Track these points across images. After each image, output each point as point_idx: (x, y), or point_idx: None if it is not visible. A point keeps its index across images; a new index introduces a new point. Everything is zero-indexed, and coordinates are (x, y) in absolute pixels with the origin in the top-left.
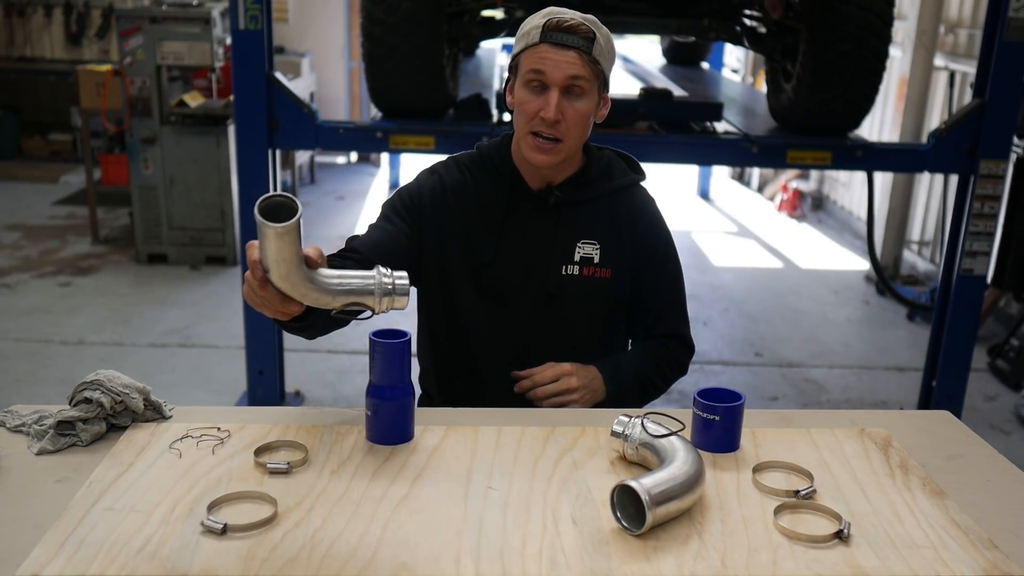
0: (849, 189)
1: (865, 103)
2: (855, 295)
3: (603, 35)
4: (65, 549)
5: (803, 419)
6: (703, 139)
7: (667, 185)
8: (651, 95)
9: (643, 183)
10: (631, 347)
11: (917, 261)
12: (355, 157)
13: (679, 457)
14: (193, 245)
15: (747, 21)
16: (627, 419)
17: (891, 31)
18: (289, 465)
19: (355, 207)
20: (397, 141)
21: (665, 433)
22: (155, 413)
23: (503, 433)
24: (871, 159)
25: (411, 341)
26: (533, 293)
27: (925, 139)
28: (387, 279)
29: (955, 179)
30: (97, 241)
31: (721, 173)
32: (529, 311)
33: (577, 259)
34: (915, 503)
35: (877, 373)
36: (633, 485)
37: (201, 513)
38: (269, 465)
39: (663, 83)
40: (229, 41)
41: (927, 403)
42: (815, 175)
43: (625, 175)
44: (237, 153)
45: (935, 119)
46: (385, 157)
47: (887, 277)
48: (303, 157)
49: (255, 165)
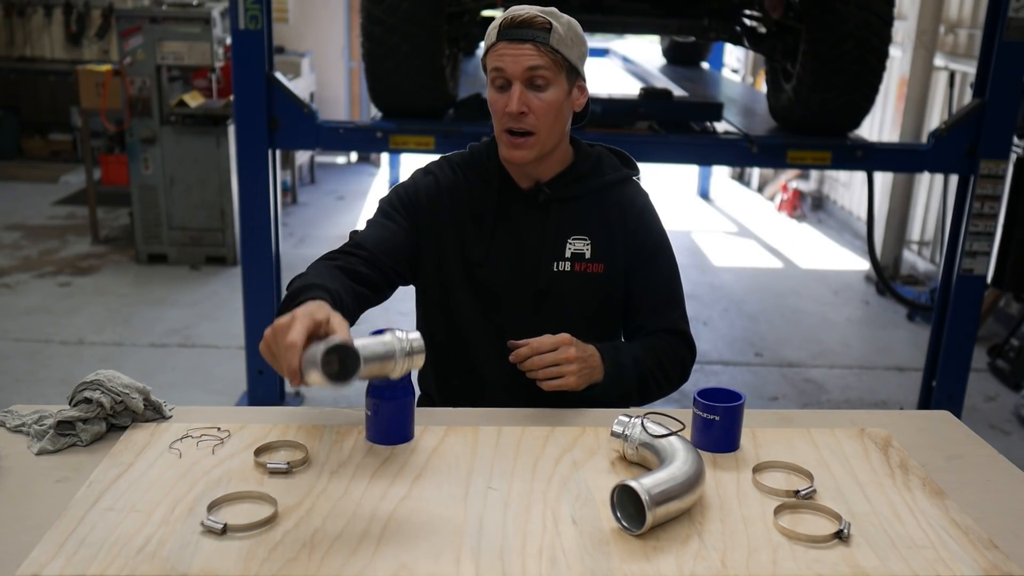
0: (849, 189)
1: (865, 103)
2: (855, 295)
3: (562, 24)
4: (65, 549)
5: (803, 419)
6: (703, 139)
7: (667, 185)
8: (651, 95)
9: (636, 179)
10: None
11: (917, 261)
12: (355, 157)
13: (679, 457)
14: (193, 245)
15: (747, 21)
16: (627, 419)
17: (891, 31)
18: (289, 465)
19: (355, 207)
20: (397, 141)
21: (665, 433)
22: (155, 413)
23: (503, 433)
24: (871, 159)
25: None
26: (525, 291)
27: (925, 139)
28: (403, 343)
29: (955, 179)
30: (97, 241)
31: (721, 173)
32: (522, 309)
33: (568, 255)
34: (915, 503)
35: (877, 373)
36: (633, 485)
37: (201, 513)
38: (269, 465)
39: (663, 83)
40: (229, 41)
41: (927, 403)
42: (815, 175)
43: (617, 170)
44: (237, 153)
45: (935, 119)
46: (385, 157)
47: (887, 277)
48: (303, 157)
49: (255, 165)
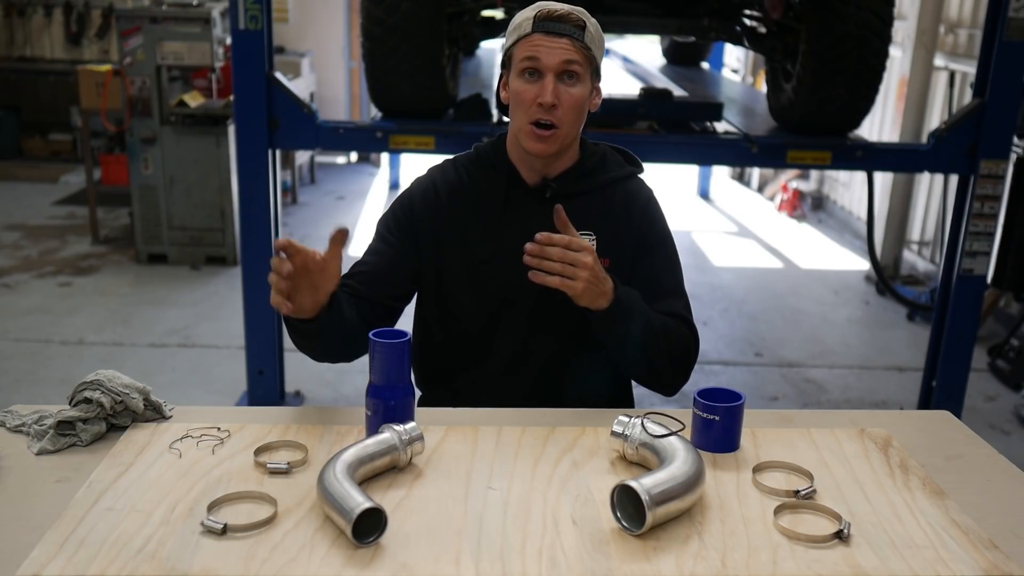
0: (849, 189)
1: (865, 103)
2: (855, 295)
3: (592, 24)
4: (65, 549)
5: (803, 419)
6: (703, 139)
7: (667, 185)
8: (651, 95)
9: (640, 176)
10: None
11: (917, 261)
12: (355, 157)
13: (679, 457)
14: (193, 245)
15: (747, 21)
16: (627, 419)
17: (891, 31)
18: (289, 465)
19: (355, 207)
20: (397, 141)
21: (665, 433)
22: (155, 413)
23: (503, 433)
24: (871, 159)
25: (411, 341)
26: (533, 287)
27: (925, 139)
28: (403, 436)
29: (955, 179)
30: (97, 241)
31: (721, 173)
32: (528, 305)
33: None
34: (915, 503)
35: (877, 373)
36: (633, 485)
37: (201, 513)
38: (269, 465)
39: (663, 83)
40: (229, 41)
41: (927, 403)
42: (815, 175)
43: (621, 167)
44: (237, 153)
45: (935, 119)
46: (385, 157)
47: (887, 277)
48: (303, 157)
49: (255, 165)
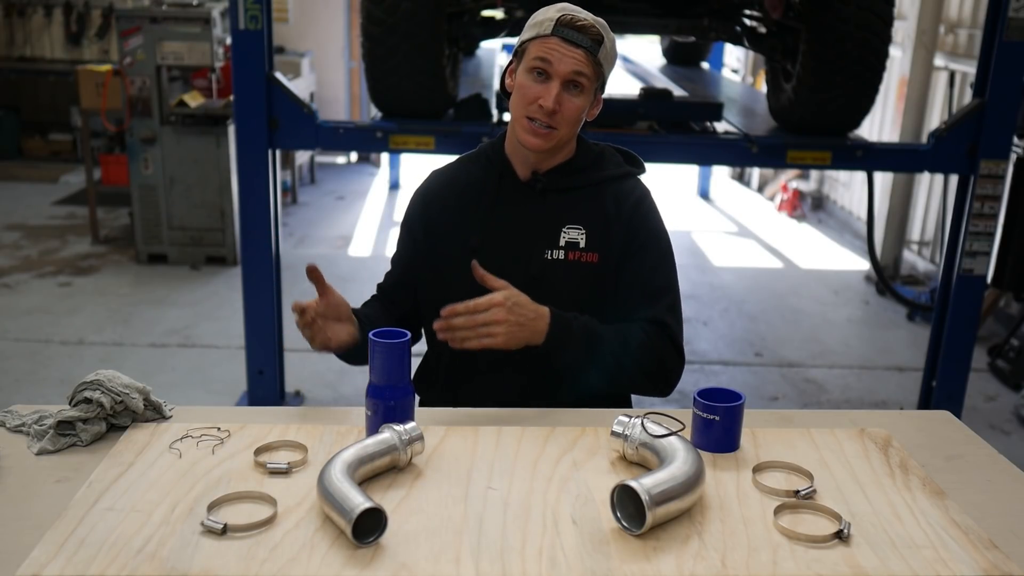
0: (849, 189)
1: (865, 103)
2: (855, 295)
3: (610, 40)
4: (65, 549)
5: (803, 419)
6: (703, 139)
7: (667, 185)
8: (651, 95)
9: (641, 177)
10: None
11: (917, 261)
12: (355, 157)
13: (679, 457)
14: (193, 245)
15: (747, 21)
16: (627, 419)
17: (891, 31)
18: (289, 465)
19: (355, 207)
20: (397, 141)
21: (665, 433)
22: (155, 413)
23: (503, 433)
24: (871, 159)
25: (411, 341)
26: (518, 278)
27: (925, 139)
28: (403, 436)
29: (955, 179)
30: (97, 241)
31: (721, 173)
32: None
33: (562, 243)
34: (915, 503)
35: (877, 373)
36: (633, 485)
37: (201, 513)
38: (269, 465)
39: (663, 83)
40: (229, 41)
41: (927, 403)
42: (815, 175)
43: (619, 167)
44: (237, 153)
45: (935, 119)
46: (385, 157)
47: (887, 277)
48: (303, 157)
49: (255, 165)
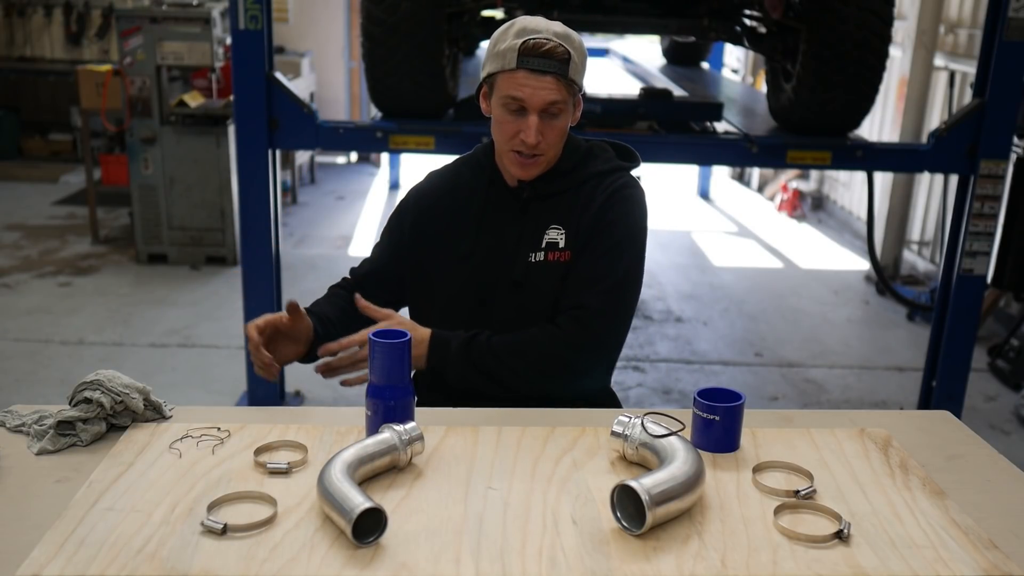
0: (849, 189)
1: (865, 103)
2: (855, 295)
3: (576, 50)
4: (65, 549)
5: (803, 419)
6: (703, 139)
7: (667, 185)
8: (651, 95)
9: (631, 170)
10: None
11: (917, 261)
12: (355, 157)
13: (679, 457)
14: (193, 245)
15: (747, 21)
16: (627, 419)
17: (891, 31)
18: (289, 465)
19: (355, 207)
20: (397, 141)
21: (665, 433)
22: (155, 413)
23: (503, 433)
24: (871, 159)
25: (411, 341)
26: (504, 284)
27: (925, 139)
28: (403, 436)
29: (955, 179)
30: (97, 241)
31: (721, 173)
32: (504, 301)
33: (543, 245)
34: (915, 503)
35: (877, 373)
36: (633, 485)
37: (201, 513)
38: (269, 465)
39: (663, 83)
40: (229, 41)
41: (927, 403)
42: (815, 175)
43: (608, 162)
44: (237, 153)
45: (935, 119)
46: (385, 157)
47: (887, 277)
48: (303, 157)
49: (255, 165)
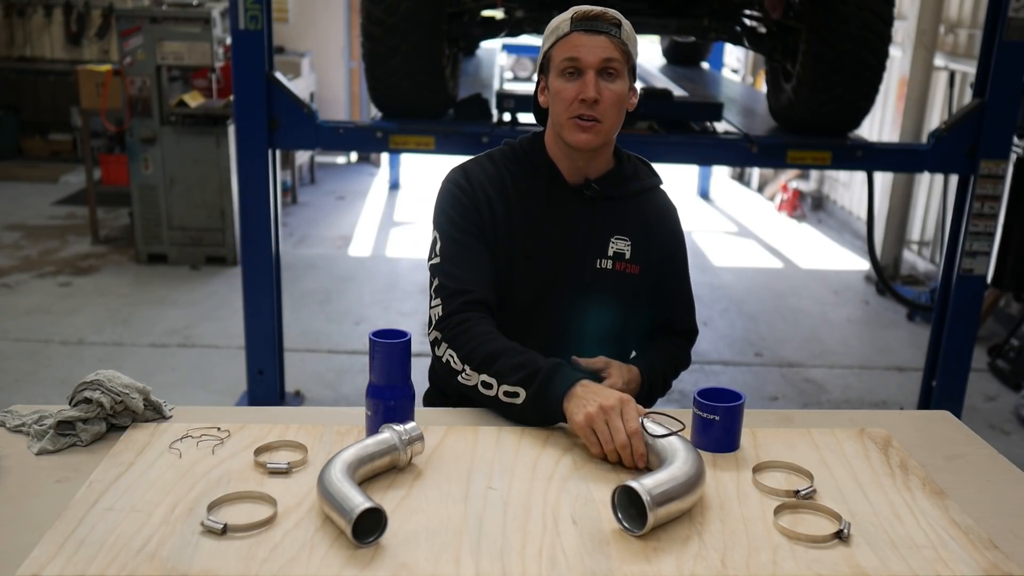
0: (849, 189)
1: (865, 103)
2: (855, 295)
3: (627, 23)
4: (65, 549)
5: (803, 419)
6: (703, 139)
7: (667, 185)
8: (651, 95)
9: (662, 187)
10: (647, 343)
11: (917, 261)
12: (355, 157)
13: (679, 457)
14: (193, 245)
15: (747, 21)
16: None
17: (891, 31)
18: (289, 465)
19: (355, 207)
20: (397, 141)
21: (665, 433)
22: (155, 413)
23: (503, 433)
24: (871, 159)
25: (411, 341)
26: (570, 285)
27: (925, 139)
28: (403, 436)
29: (955, 179)
30: (97, 241)
31: (721, 173)
32: (567, 302)
33: (611, 253)
34: (915, 503)
35: (877, 373)
36: (634, 486)
37: (201, 513)
38: (269, 465)
39: (663, 83)
40: (229, 41)
41: (927, 403)
42: (815, 175)
43: (650, 178)
44: (237, 153)
45: (935, 119)
46: (385, 157)
47: (887, 277)
48: (303, 157)
49: (255, 165)
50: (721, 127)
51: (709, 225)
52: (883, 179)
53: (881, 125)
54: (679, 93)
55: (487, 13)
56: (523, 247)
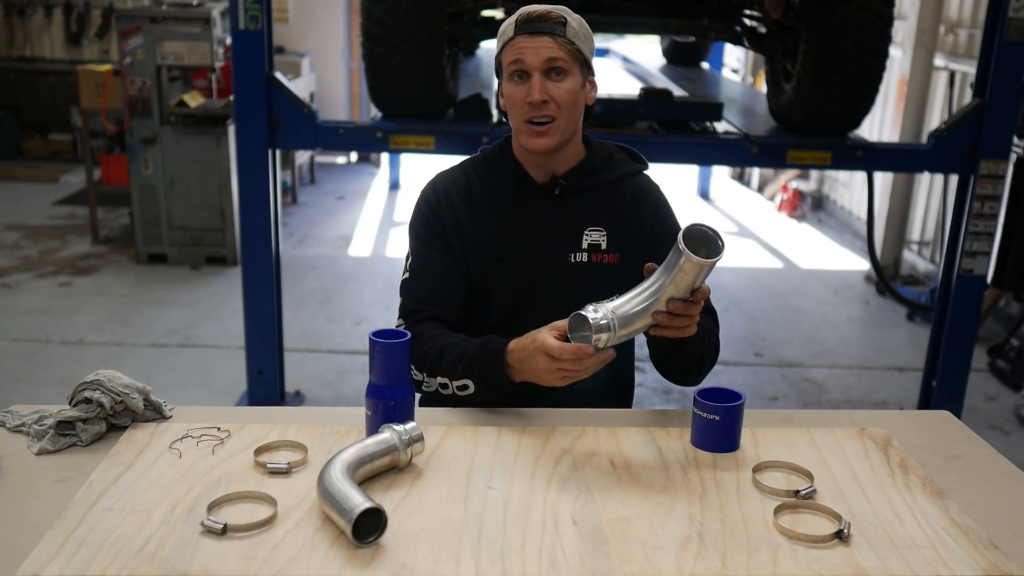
0: (849, 189)
1: (865, 103)
2: (855, 295)
3: (575, 19)
4: (65, 549)
5: (803, 419)
6: (703, 139)
7: (667, 185)
8: (651, 95)
9: (646, 172)
10: None
11: (917, 261)
12: (355, 157)
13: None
14: (193, 245)
15: (747, 21)
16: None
17: (891, 31)
18: (289, 465)
19: (355, 207)
20: (397, 141)
21: (598, 317)
22: (155, 413)
23: (503, 433)
24: (871, 159)
25: (411, 341)
26: (545, 283)
27: (925, 139)
28: (403, 436)
29: (955, 179)
30: (97, 241)
31: (721, 173)
32: (543, 301)
33: (585, 246)
34: (915, 503)
35: (877, 373)
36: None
37: (201, 513)
38: (269, 465)
39: (663, 83)
40: (229, 41)
41: (927, 403)
42: (815, 175)
43: (627, 165)
44: (237, 153)
45: (935, 119)
46: (385, 157)
47: (887, 277)
48: (303, 157)
49: (255, 165)
50: (721, 127)
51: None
52: (883, 179)
53: (881, 125)
54: (679, 93)
55: (487, 13)
56: (494, 251)
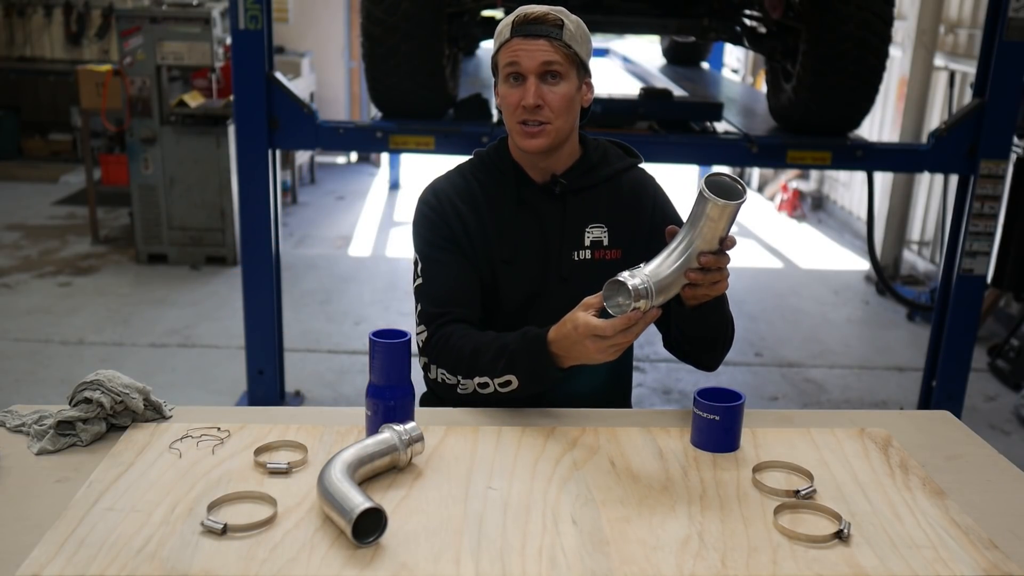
0: (849, 189)
1: (865, 103)
2: (855, 295)
3: (572, 21)
4: (65, 549)
5: (803, 419)
6: (703, 139)
7: (667, 185)
8: (651, 95)
9: (641, 166)
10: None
11: (917, 261)
12: (355, 157)
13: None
14: (193, 245)
15: (747, 21)
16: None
17: (891, 31)
18: (289, 465)
19: (355, 207)
20: (397, 141)
21: (637, 283)
22: (155, 413)
23: (503, 433)
24: (871, 159)
25: (411, 341)
26: (551, 282)
27: (925, 139)
28: (403, 436)
29: (955, 179)
30: (97, 241)
31: None
32: (552, 300)
33: (587, 243)
34: (915, 503)
35: (877, 373)
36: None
37: (201, 513)
38: (269, 465)
39: (663, 83)
40: (229, 41)
41: (927, 403)
42: (815, 175)
43: (622, 160)
44: (237, 153)
45: (935, 119)
46: (385, 157)
47: (887, 277)
48: (303, 157)
49: (255, 165)
50: (721, 127)
51: None
52: (883, 179)
53: (881, 125)
54: (679, 93)
55: (487, 13)
56: (500, 253)
